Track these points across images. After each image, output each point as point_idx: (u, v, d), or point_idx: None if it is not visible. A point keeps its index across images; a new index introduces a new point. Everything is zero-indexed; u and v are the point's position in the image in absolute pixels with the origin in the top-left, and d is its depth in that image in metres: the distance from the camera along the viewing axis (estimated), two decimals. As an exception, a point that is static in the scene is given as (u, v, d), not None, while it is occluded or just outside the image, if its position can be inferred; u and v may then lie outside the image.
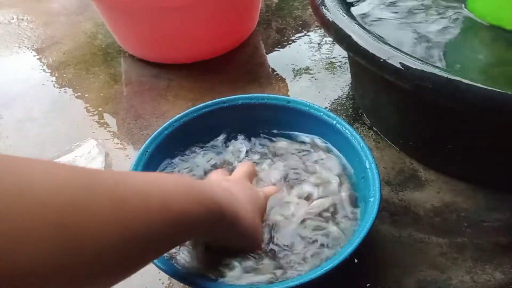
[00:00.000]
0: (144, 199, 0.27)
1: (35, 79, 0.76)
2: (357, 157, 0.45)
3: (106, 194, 0.24)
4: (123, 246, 0.24)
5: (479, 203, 0.51)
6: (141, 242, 0.26)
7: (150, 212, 0.26)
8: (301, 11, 0.88)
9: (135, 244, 0.25)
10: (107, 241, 0.23)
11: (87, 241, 0.21)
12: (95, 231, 0.22)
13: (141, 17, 0.68)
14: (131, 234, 0.24)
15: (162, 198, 0.28)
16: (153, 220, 0.27)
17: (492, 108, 0.40)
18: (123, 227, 0.24)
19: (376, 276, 0.45)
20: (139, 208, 0.26)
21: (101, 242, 0.22)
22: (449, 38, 0.53)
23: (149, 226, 0.26)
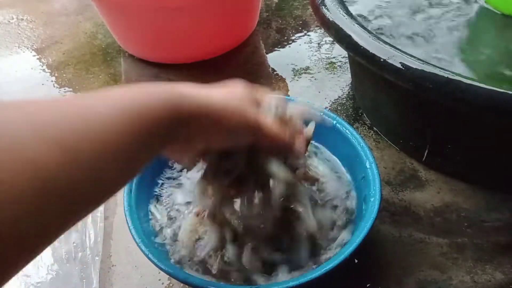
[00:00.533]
0: (84, 105, 0.23)
1: (35, 79, 0.76)
2: (357, 157, 0.45)
3: (18, 108, 0.21)
4: (64, 167, 0.20)
5: (479, 203, 0.51)
6: (85, 160, 0.21)
7: (94, 118, 0.23)
8: (301, 11, 0.88)
9: (77, 162, 0.21)
10: (48, 163, 0.19)
11: (25, 165, 0.19)
12: (31, 152, 0.19)
13: (141, 17, 0.68)
14: (71, 150, 0.21)
15: (118, 106, 0.24)
16: (101, 127, 0.23)
17: (492, 107, 0.40)
18: (57, 143, 0.20)
19: (376, 276, 0.45)
20: (88, 123, 0.22)
21: (34, 164, 0.19)
22: (469, 29, 0.54)
23: (104, 140, 0.23)
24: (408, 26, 0.55)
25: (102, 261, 0.47)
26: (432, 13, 0.57)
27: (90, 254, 0.47)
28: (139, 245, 0.38)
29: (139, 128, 0.25)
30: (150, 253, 0.38)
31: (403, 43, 0.52)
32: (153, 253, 0.38)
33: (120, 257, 0.48)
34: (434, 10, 0.58)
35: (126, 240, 0.48)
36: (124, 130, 0.24)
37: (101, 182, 0.23)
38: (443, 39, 0.53)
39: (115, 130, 0.24)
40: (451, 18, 0.56)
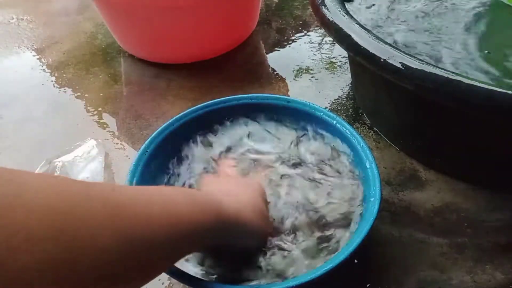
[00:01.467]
0: (144, 205, 0.26)
1: (35, 79, 0.76)
2: (357, 157, 0.45)
3: (102, 199, 0.23)
4: (120, 253, 0.23)
5: (479, 203, 0.51)
6: (141, 251, 0.25)
7: (150, 219, 0.25)
8: (301, 11, 0.88)
9: (134, 252, 0.24)
10: (103, 247, 0.22)
11: (83, 247, 0.21)
12: (91, 237, 0.21)
13: (141, 17, 0.68)
14: (128, 241, 0.23)
15: (165, 205, 0.27)
16: (155, 228, 0.26)
17: (492, 107, 0.39)
18: (119, 233, 0.23)
19: (376, 276, 0.45)
20: (138, 214, 0.25)
21: (97, 249, 0.22)
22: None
23: (149, 233, 0.25)
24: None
25: (102, 261, 0.47)
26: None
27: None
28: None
29: (186, 234, 0.29)
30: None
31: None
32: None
33: (120, 257, 0.48)
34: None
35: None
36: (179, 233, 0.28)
37: (147, 273, 0.26)
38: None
39: (175, 231, 0.28)
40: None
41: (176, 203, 0.29)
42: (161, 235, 0.26)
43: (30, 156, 0.61)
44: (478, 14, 0.56)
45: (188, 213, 0.29)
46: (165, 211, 0.27)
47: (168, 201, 0.28)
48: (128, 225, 0.24)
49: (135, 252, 0.24)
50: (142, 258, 0.25)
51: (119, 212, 0.24)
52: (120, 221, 0.23)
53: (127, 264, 0.24)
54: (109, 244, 0.22)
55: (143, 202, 0.26)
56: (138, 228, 0.24)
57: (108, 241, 0.22)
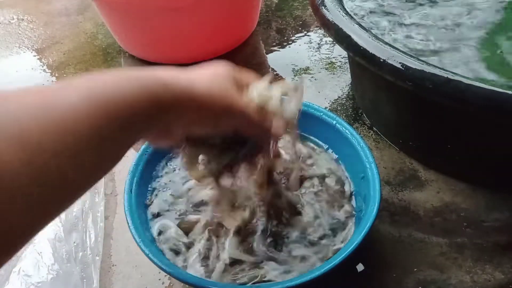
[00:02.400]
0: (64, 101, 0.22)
1: (35, 79, 0.76)
2: (357, 157, 0.45)
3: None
4: (27, 166, 0.20)
5: (479, 203, 0.51)
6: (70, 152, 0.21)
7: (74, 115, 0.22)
8: (301, 11, 0.89)
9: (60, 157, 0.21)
10: (5, 166, 0.19)
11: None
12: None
13: (142, 17, 0.68)
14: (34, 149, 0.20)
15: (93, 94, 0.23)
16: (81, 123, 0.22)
17: (492, 107, 0.40)
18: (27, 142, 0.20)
19: (376, 276, 0.45)
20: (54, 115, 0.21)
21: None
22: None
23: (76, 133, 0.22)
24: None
25: (102, 261, 0.47)
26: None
27: (90, 254, 0.48)
28: (139, 245, 0.39)
29: (114, 116, 0.24)
30: (150, 253, 0.38)
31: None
32: (153, 253, 0.38)
33: (120, 256, 0.48)
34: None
35: (126, 240, 0.48)
36: (96, 119, 0.23)
37: (73, 174, 0.22)
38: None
39: (85, 120, 0.23)
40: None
41: (104, 87, 0.24)
42: (79, 125, 0.22)
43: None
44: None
45: (114, 93, 0.25)
46: (84, 98, 0.23)
47: (95, 89, 0.24)
48: (24, 124, 0.21)
49: (42, 156, 0.21)
50: (55, 162, 0.21)
51: (13, 112, 0.21)
52: (15, 122, 0.20)
53: (36, 175, 0.20)
54: (11, 157, 0.19)
55: (54, 95, 0.23)
56: (39, 125, 0.21)
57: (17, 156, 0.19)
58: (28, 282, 0.45)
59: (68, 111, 0.22)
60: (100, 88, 0.24)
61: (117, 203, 0.53)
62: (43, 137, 0.21)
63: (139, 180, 0.44)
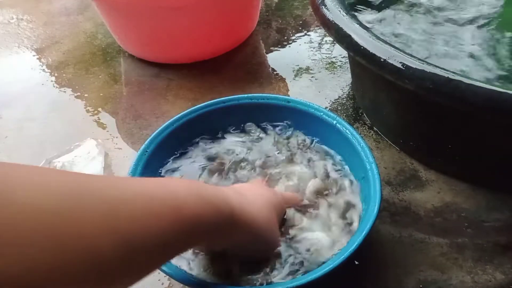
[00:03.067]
0: (143, 201, 0.24)
1: (35, 79, 0.76)
2: (357, 157, 0.45)
3: (96, 196, 0.22)
4: (116, 254, 0.22)
5: (479, 203, 0.51)
6: (139, 250, 0.23)
7: (149, 216, 0.24)
8: (301, 11, 0.88)
9: (131, 252, 0.23)
10: (97, 250, 0.21)
11: (78, 250, 0.20)
12: (86, 239, 0.20)
13: (141, 17, 0.68)
14: (125, 241, 0.22)
15: (168, 200, 0.26)
16: (154, 226, 0.24)
17: (492, 107, 0.39)
18: (114, 234, 0.22)
19: (376, 276, 0.45)
20: (136, 212, 0.23)
21: (89, 251, 0.20)
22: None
23: (148, 232, 0.24)
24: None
25: (102, 261, 0.47)
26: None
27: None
28: (139, 245, 0.38)
29: (192, 230, 0.28)
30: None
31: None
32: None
33: (120, 257, 0.48)
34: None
35: (126, 240, 0.48)
36: (180, 229, 0.26)
37: (143, 266, 0.25)
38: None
39: (167, 228, 0.25)
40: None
41: (177, 196, 0.27)
42: (160, 232, 0.25)
43: (30, 156, 0.61)
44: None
45: (190, 205, 0.27)
46: (166, 206, 0.26)
47: (169, 194, 0.27)
48: (125, 225, 0.22)
49: (132, 252, 0.23)
50: (140, 256, 0.24)
51: (114, 211, 0.22)
52: (116, 221, 0.22)
53: (123, 264, 0.23)
54: (104, 246, 0.21)
55: (142, 197, 0.25)
56: (136, 227, 0.23)
57: (102, 243, 0.21)
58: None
59: (152, 220, 0.25)
60: (178, 203, 0.27)
61: (117, 203, 0.53)
62: (135, 234, 0.23)
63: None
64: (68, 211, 0.20)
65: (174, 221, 0.26)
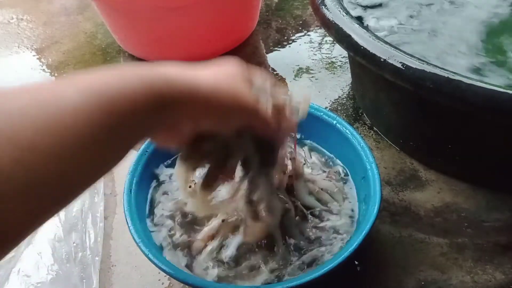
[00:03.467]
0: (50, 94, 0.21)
1: (35, 79, 0.76)
2: (357, 157, 0.45)
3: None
4: (21, 168, 0.19)
5: (479, 203, 0.51)
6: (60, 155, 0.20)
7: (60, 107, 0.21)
8: (301, 11, 0.88)
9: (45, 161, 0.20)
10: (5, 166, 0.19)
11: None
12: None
13: (141, 17, 0.68)
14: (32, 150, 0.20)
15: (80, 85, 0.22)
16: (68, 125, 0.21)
17: (492, 107, 0.39)
18: (15, 144, 0.19)
19: (376, 276, 0.45)
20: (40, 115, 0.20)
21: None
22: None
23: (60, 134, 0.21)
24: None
25: (102, 261, 0.47)
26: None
27: (90, 254, 0.47)
28: (139, 245, 0.38)
29: (116, 114, 0.23)
30: (150, 253, 0.38)
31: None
32: (153, 253, 0.38)
33: (120, 257, 0.48)
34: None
35: (126, 240, 0.48)
36: (97, 117, 0.22)
37: (72, 174, 0.22)
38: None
39: (85, 118, 0.22)
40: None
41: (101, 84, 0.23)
42: (78, 125, 0.21)
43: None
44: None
45: (115, 90, 0.24)
46: (83, 97, 0.22)
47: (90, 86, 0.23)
48: (19, 125, 0.20)
49: (39, 157, 0.20)
50: (53, 163, 0.21)
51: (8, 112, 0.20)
52: (8, 123, 0.20)
53: (32, 176, 0.20)
54: (4, 160, 0.19)
55: (52, 93, 0.22)
56: (35, 126, 0.20)
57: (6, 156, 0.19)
58: (27, 283, 0.45)
59: (67, 109, 0.21)
60: (101, 85, 0.23)
61: (117, 203, 0.53)
62: (37, 137, 0.20)
63: (139, 180, 0.44)
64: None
65: (99, 113, 0.22)
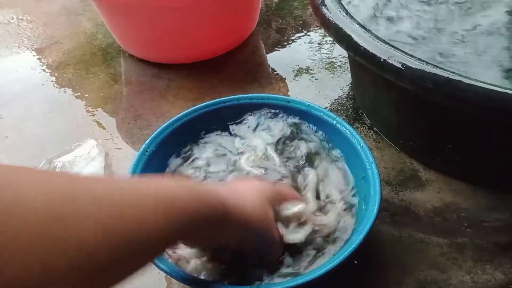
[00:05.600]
0: (136, 199, 0.25)
1: (35, 79, 0.76)
2: (357, 157, 0.45)
3: (87, 199, 0.22)
4: (110, 252, 0.22)
5: (479, 203, 0.51)
6: (133, 247, 0.24)
7: (142, 213, 0.25)
8: (301, 11, 0.88)
9: (125, 249, 0.23)
10: (92, 249, 0.21)
11: (73, 249, 0.21)
12: (79, 238, 0.21)
13: (141, 17, 0.68)
14: (118, 239, 0.23)
15: (161, 195, 0.27)
16: (147, 223, 0.25)
17: (492, 107, 0.40)
18: (108, 232, 0.22)
19: (376, 276, 0.45)
20: (128, 210, 0.24)
21: (86, 251, 0.21)
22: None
23: (141, 229, 0.24)
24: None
25: (102, 261, 0.47)
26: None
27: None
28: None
29: (178, 224, 0.28)
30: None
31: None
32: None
33: (120, 257, 0.48)
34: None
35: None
36: (164, 225, 0.26)
37: (134, 267, 0.26)
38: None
39: (156, 226, 0.26)
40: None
41: (169, 191, 0.28)
42: (153, 228, 0.25)
43: (30, 156, 0.61)
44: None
45: (182, 199, 0.28)
46: (159, 201, 0.26)
47: (161, 189, 0.28)
48: (118, 223, 0.23)
49: (126, 249, 0.24)
50: (133, 253, 0.25)
51: (108, 210, 0.23)
52: (109, 220, 0.23)
53: (117, 261, 0.23)
54: (96, 245, 0.22)
55: (135, 195, 0.25)
56: (129, 225, 0.24)
57: (93, 242, 0.22)
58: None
59: (146, 215, 0.25)
60: (170, 198, 0.28)
61: (117, 203, 0.53)
62: (123, 230, 0.23)
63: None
64: (64, 212, 0.21)
65: (166, 215, 0.26)
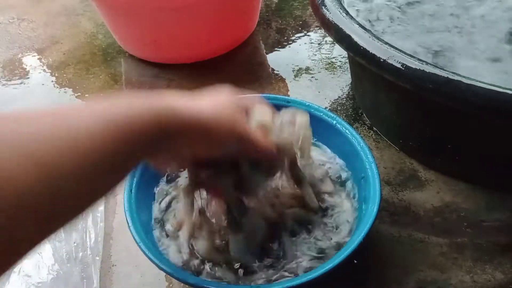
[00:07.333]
0: (73, 123, 0.23)
1: (35, 79, 0.76)
2: (357, 157, 0.45)
3: (11, 131, 0.21)
4: (44, 183, 0.20)
5: (479, 203, 0.51)
6: (69, 175, 0.22)
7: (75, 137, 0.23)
8: (301, 11, 0.88)
9: (61, 178, 0.21)
10: (21, 181, 0.20)
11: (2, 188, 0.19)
12: (5, 171, 0.19)
13: (141, 17, 0.68)
14: (50, 168, 0.21)
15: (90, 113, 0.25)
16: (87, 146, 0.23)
17: (492, 107, 0.40)
18: (36, 162, 0.20)
19: (376, 276, 0.45)
20: (61, 135, 0.22)
21: (14, 184, 0.19)
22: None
23: (79, 152, 0.22)
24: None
25: (102, 261, 0.47)
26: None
27: (90, 254, 0.48)
28: (139, 245, 0.39)
29: (126, 141, 0.26)
30: (150, 253, 0.38)
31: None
32: (153, 253, 0.38)
33: (121, 257, 0.48)
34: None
35: (126, 240, 0.48)
36: (111, 143, 0.25)
37: (83, 192, 0.24)
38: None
39: (101, 144, 0.24)
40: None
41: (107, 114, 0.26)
42: (92, 148, 0.23)
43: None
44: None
45: (124, 118, 0.26)
46: (96, 123, 0.24)
47: (98, 113, 0.25)
48: (49, 152, 0.21)
49: (56, 175, 0.21)
50: (69, 181, 0.22)
51: (32, 140, 0.21)
52: (33, 149, 0.21)
53: (54, 194, 0.21)
54: (25, 176, 0.20)
55: (69, 118, 0.24)
56: (55, 146, 0.22)
57: (22, 173, 0.20)
58: (28, 283, 0.45)
59: (85, 134, 0.23)
60: (114, 113, 0.26)
61: (117, 203, 0.53)
62: (59, 158, 0.22)
63: (139, 180, 0.44)
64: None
65: (111, 138, 0.25)
